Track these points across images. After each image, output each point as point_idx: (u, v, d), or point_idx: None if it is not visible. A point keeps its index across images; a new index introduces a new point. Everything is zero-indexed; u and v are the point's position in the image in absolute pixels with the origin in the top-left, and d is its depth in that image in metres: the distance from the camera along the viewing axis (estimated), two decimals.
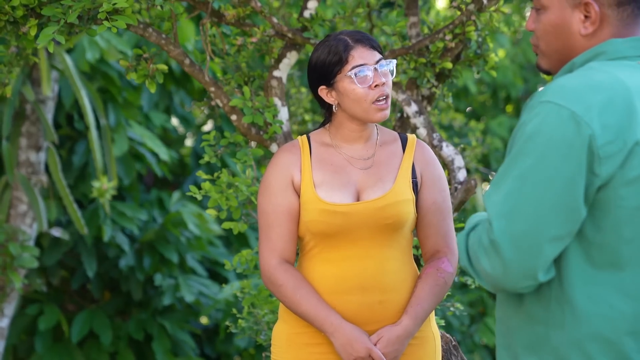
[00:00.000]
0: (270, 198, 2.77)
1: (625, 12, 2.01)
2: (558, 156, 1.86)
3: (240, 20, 3.56)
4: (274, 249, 2.75)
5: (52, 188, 5.96)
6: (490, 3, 3.54)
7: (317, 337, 2.77)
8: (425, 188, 2.81)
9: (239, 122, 3.48)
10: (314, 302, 2.70)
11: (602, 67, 1.96)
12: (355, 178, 2.77)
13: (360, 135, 2.81)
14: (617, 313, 1.91)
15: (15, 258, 5.51)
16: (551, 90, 1.91)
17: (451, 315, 7.29)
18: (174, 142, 7.57)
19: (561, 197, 1.87)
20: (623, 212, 1.89)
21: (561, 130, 1.86)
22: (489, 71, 3.67)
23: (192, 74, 3.50)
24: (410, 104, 3.61)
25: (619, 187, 1.88)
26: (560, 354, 1.94)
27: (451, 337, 3.25)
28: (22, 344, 6.35)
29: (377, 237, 2.74)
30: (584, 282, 1.92)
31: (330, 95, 2.78)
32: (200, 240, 6.63)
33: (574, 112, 1.87)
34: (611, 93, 1.89)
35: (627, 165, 1.87)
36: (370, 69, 2.72)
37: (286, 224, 2.76)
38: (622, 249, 1.91)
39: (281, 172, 2.78)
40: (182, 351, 6.49)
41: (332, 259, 2.75)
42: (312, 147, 2.81)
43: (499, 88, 8.83)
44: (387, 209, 2.73)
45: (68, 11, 3.05)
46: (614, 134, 1.87)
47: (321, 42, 2.79)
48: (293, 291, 2.71)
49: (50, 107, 5.83)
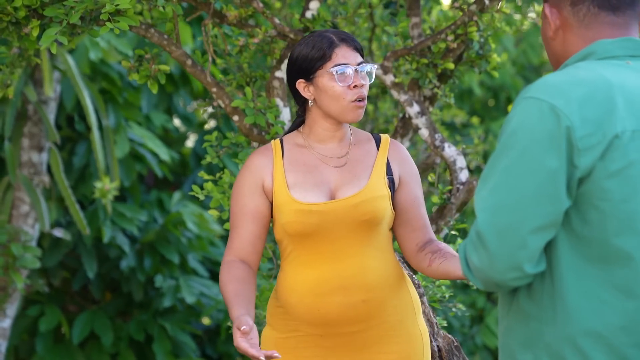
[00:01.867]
0: (237, 200, 2.79)
1: (580, 12, 2.06)
2: (539, 149, 1.91)
3: (242, 20, 3.56)
4: (231, 247, 2.79)
5: (54, 189, 5.96)
6: (492, 3, 3.55)
7: (304, 342, 2.78)
8: (405, 185, 2.83)
9: (241, 123, 3.48)
10: (227, 296, 2.68)
11: (587, 66, 2.01)
12: (329, 177, 2.78)
13: (334, 135, 2.81)
14: (608, 308, 1.93)
15: (17, 258, 5.51)
16: (534, 86, 1.97)
17: (452, 316, 7.30)
18: (174, 142, 7.57)
19: (543, 188, 1.91)
20: (607, 205, 1.92)
21: (542, 124, 1.91)
22: (491, 72, 3.68)
23: (194, 75, 3.50)
24: (412, 105, 3.61)
25: (600, 180, 1.91)
26: (554, 350, 1.96)
27: (453, 338, 3.25)
28: (24, 345, 6.35)
29: (355, 235, 2.74)
30: (574, 277, 1.95)
31: (308, 89, 2.78)
32: (201, 241, 6.63)
33: (554, 105, 1.91)
34: (592, 88, 1.93)
35: (607, 158, 1.91)
36: (352, 69, 2.73)
37: (247, 225, 2.77)
38: (610, 242, 1.93)
39: (251, 174, 2.79)
40: (183, 352, 6.49)
41: (312, 261, 2.74)
42: (284, 149, 2.81)
43: (499, 90, 8.84)
44: (363, 205, 2.73)
45: (70, 12, 3.05)
46: (593, 127, 1.90)
47: (305, 37, 2.80)
48: (223, 287, 2.72)
49: (52, 107, 5.83)
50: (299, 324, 2.78)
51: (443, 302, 3.61)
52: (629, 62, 2.02)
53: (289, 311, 2.78)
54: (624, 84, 1.96)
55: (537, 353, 1.98)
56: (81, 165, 6.22)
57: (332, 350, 2.77)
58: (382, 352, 2.78)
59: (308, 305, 2.74)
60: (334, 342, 2.77)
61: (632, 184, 1.92)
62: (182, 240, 6.49)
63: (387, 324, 2.78)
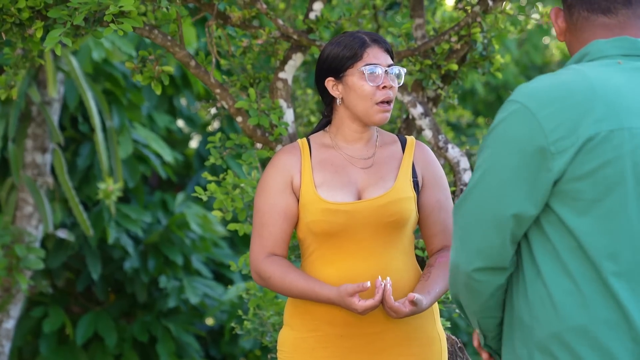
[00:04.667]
0: (267, 198, 2.78)
1: (573, 16, 2.11)
2: (506, 150, 1.98)
3: (246, 22, 3.56)
4: (264, 245, 2.78)
5: (58, 190, 5.97)
6: (496, 4, 3.54)
7: (323, 342, 2.77)
8: (428, 187, 2.83)
9: (245, 124, 3.48)
10: (303, 280, 2.71)
11: (577, 67, 2.05)
12: (356, 177, 2.79)
13: (361, 136, 2.82)
14: (591, 303, 1.96)
15: (21, 259, 5.52)
16: (518, 89, 2.04)
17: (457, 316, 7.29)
18: (178, 143, 7.57)
19: (506, 186, 1.98)
20: (580, 204, 1.96)
21: (514, 126, 1.98)
22: (495, 73, 3.67)
23: (198, 76, 3.50)
24: (415, 106, 3.61)
25: (573, 181, 1.95)
26: (543, 346, 2.00)
27: (456, 339, 3.25)
28: (27, 346, 6.36)
29: (379, 236, 2.75)
30: (557, 274, 1.99)
31: (337, 88, 2.80)
32: (205, 242, 6.63)
33: (529, 109, 1.97)
34: (570, 90, 1.98)
35: (578, 160, 1.95)
36: (382, 70, 2.75)
37: (280, 224, 2.77)
38: (585, 240, 1.96)
39: (280, 173, 2.79)
40: (186, 353, 6.49)
41: (335, 260, 2.75)
42: (312, 148, 2.82)
43: (502, 90, 8.84)
44: (389, 206, 2.74)
45: (74, 13, 3.05)
46: (567, 130, 1.95)
47: (336, 37, 2.83)
48: (282, 278, 2.72)
49: (56, 108, 5.83)
50: (319, 324, 2.78)
51: (447, 304, 3.61)
52: (620, 62, 2.05)
53: (309, 310, 2.78)
54: (606, 84, 1.99)
55: (531, 348, 2.02)
56: (85, 166, 6.22)
57: (351, 351, 2.76)
58: (401, 354, 2.77)
59: (328, 305, 2.74)
60: (353, 343, 2.76)
61: (606, 183, 1.95)
62: (186, 242, 6.49)
63: (407, 326, 2.78)
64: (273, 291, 2.78)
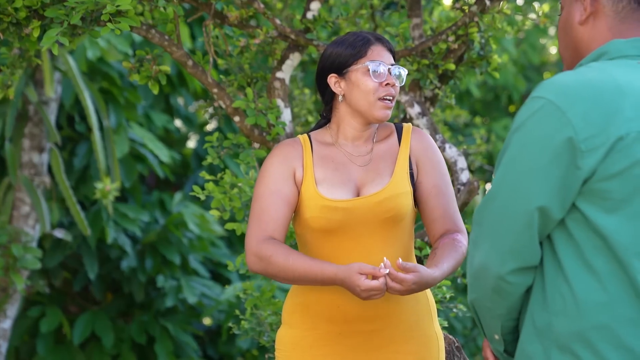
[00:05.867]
0: (268, 184, 2.77)
1: (620, 4, 2.06)
2: (536, 147, 1.95)
3: (243, 21, 3.56)
4: (264, 229, 2.74)
5: (55, 189, 5.96)
6: (493, 4, 3.54)
7: (322, 339, 2.77)
8: (424, 173, 2.82)
9: (242, 124, 3.48)
10: (307, 260, 2.68)
11: (599, 66, 2.02)
12: (355, 175, 2.79)
13: (362, 134, 2.83)
14: (616, 301, 1.95)
15: (17, 259, 5.51)
16: (543, 85, 1.99)
17: (454, 317, 7.29)
18: (175, 142, 7.57)
19: (534, 181, 1.95)
20: (609, 203, 1.94)
21: (543, 123, 1.95)
22: (492, 72, 3.67)
23: (195, 76, 3.50)
24: (413, 105, 3.61)
25: (603, 181, 1.93)
26: (562, 342, 1.98)
27: (454, 339, 3.25)
28: (24, 346, 6.35)
29: (377, 233, 2.75)
30: (582, 271, 1.97)
31: (339, 84, 2.80)
32: (202, 241, 6.63)
33: (558, 107, 1.94)
34: (599, 89, 1.95)
35: (609, 160, 1.92)
36: (385, 67, 2.77)
37: (282, 208, 2.75)
38: (613, 238, 1.95)
39: (283, 162, 2.79)
40: (184, 353, 6.49)
41: (333, 257, 2.74)
42: (313, 145, 2.83)
43: (500, 90, 8.84)
44: (386, 202, 2.74)
45: (71, 13, 3.04)
46: (597, 129, 1.92)
47: (340, 37, 2.84)
48: (285, 257, 2.68)
49: (53, 108, 5.83)
50: (318, 321, 2.78)
51: (444, 303, 3.61)
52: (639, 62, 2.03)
53: (308, 307, 2.78)
54: (633, 85, 1.97)
55: (545, 344, 2.00)
56: (82, 165, 6.21)
57: (349, 349, 2.76)
58: (399, 351, 2.77)
59: (328, 302, 2.75)
60: (352, 341, 2.76)
61: (636, 183, 1.94)
62: (184, 241, 6.49)
63: (404, 323, 2.78)
64: (271, 276, 2.72)
